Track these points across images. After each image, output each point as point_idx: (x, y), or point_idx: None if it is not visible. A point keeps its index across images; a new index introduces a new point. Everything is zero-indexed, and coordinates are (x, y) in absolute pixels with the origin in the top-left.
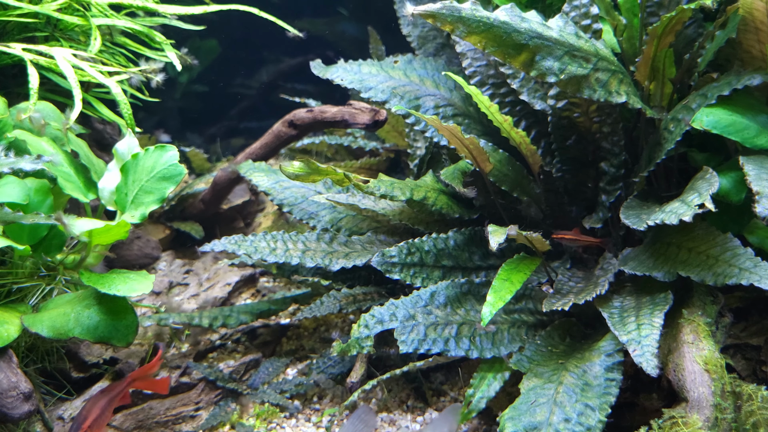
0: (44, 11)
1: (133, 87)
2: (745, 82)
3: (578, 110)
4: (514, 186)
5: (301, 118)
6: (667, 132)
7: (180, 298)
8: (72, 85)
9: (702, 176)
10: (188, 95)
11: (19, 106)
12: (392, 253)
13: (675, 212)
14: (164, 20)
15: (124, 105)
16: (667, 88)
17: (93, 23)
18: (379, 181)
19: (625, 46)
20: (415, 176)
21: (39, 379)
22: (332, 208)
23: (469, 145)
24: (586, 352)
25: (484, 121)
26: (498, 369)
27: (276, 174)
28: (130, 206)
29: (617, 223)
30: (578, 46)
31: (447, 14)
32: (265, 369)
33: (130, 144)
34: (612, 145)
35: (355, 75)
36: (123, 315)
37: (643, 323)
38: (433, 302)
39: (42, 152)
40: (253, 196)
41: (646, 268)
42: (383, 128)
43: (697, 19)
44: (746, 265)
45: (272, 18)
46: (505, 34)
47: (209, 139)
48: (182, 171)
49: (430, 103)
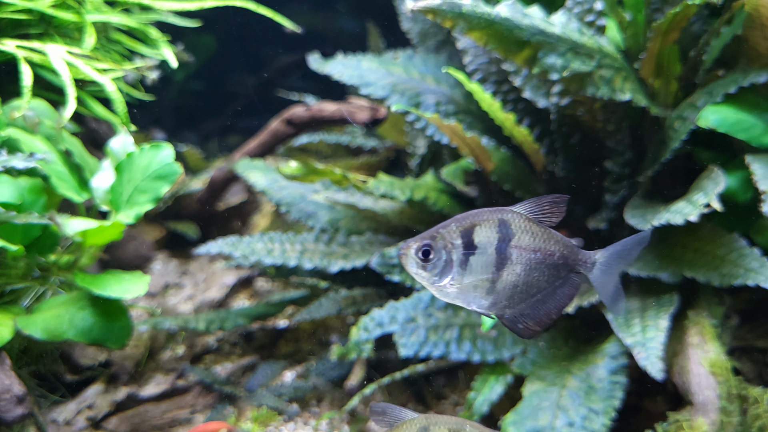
0: (38, 8)
1: (129, 84)
2: (751, 80)
3: (582, 108)
4: (517, 185)
5: (299, 116)
6: (673, 130)
7: (176, 300)
8: (65, 83)
9: (708, 175)
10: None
11: (13, 104)
12: (392, 254)
13: (680, 212)
14: (159, 17)
15: (118, 102)
16: (672, 85)
17: (87, 20)
18: (378, 181)
19: (629, 42)
20: (416, 175)
21: (33, 381)
22: (331, 207)
23: (471, 144)
24: (590, 355)
25: (486, 118)
26: (500, 372)
27: (273, 172)
28: (124, 206)
29: (622, 223)
30: (582, 42)
31: (447, 10)
32: (262, 372)
33: (125, 142)
34: (616, 143)
35: (355, 70)
36: (117, 317)
37: (648, 325)
38: (434, 304)
39: (35, 151)
40: (250, 196)
41: (651, 269)
42: (383, 126)
43: (702, 16)
44: (752, 266)
45: (269, 13)
46: (507, 31)
47: (206, 137)
48: (178, 170)
49: (431, 100)
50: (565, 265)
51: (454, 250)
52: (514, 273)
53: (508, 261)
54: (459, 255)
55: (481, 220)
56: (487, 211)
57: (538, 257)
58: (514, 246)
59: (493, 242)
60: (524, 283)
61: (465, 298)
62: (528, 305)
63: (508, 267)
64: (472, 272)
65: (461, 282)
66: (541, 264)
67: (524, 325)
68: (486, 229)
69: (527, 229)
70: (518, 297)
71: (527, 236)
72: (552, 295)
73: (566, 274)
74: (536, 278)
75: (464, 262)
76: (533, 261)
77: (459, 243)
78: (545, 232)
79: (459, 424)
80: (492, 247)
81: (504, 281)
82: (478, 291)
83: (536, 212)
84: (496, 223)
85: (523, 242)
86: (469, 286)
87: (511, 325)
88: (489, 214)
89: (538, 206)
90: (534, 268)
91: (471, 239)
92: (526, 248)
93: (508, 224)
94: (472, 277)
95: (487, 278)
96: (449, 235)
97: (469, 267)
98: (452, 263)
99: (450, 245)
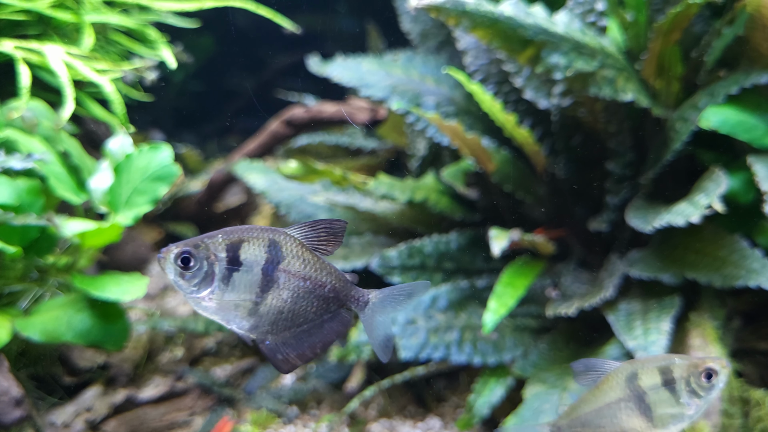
0: (36, 8)
1: (128, 84)
2: (753, 81)
3: (584, 109)
4: (518, 187)
5: (299, 117)
6: (674, 131)
7: (174, 302)
8: (64, 84)
9: (710, 176)
10: (183, 93)
11: (11, 105)
12: (392, 255)
13: (682, 213)
14: (158, 17)
15: (116, 103)
16: (674, 86)
17: (85, 20)
18: (378, 182)
19: (631, 43)
20: (416, 176)
21: (31, 383)
22: (330, 209)
23: (472, 145)
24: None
25: (486, 119)
26: (501, 374)
27: (272, 174)
28: (123, 207)
29: (623, 224)
30: (584, 42)
31: (451, 8)
32: (261, 374)
33: (123, 143)
34: (618, 144)
35: (354, 72)
36: (116, 319)
37: (650, 328)
38: (435, 306)
39: (33, 151)
40: (248, 197)
41: (652, 271)
42: (383, 127)
43: (704, 16)
44: (754, 267)
45: (268, 14)
46: (511, 29)
47: (204, 137)
48: (177, 171)
49: (431, 101)
50: (336, 299)
51: (217, 263)
52: (280, 298)
53: (274, 284)
54: (222, 269)
55: (250, 237)
56: (258, 229)
57: (308, 286)
58: (282, 270)
59: (261, 262)
60: (290, 310)
61: (224, 316)
62: (292, 335)
63: (274, 291)
64: (235, 290)
65: (221, 298)
66: (310, 294)
67: (284, 356)
68: (254, 246)
69: (299, 254)
70: (282, 324)
71: (298, 262)
72: (319, 329)
73: (336, 308)
74: (303, 308)
75: (227, 277)
76: (301, 289)
77: (223, 256)
78: (318, 262)
79: (666, 360)
80: (258, 266)
81: (268, 305)
82: (240, 311)
83: (312, 237)
84: (266, 243)
85: (293, 267)
86: (230, 303)
87: (270, 354)
88: (260, 232)
89: (314, 231)
90: (302, 296)
91: (237, 255)
92: (295, 274)
93: (278, 246)
94: (233, 295)
95: (250, 299)
96: (214, 246)
97: (231, 283)
98: (213, 276)
99: (213, 257)
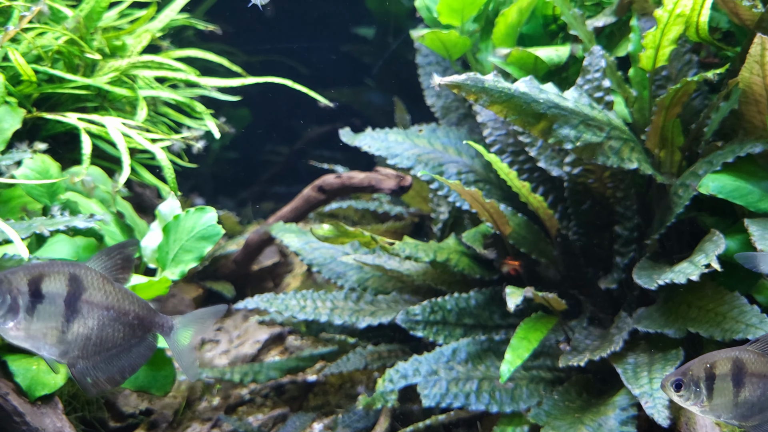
0: (96, 84)
1: (174, 153)
2: (747, 150)
3: (593, 176)
4: (533, 248)
5: (330, 184)
6: (677, 197)
7: (212, 354)
8: (121, 152)
9: (709, 238)
10: (221, 161)
11: (72, 170)
12: (416, 311)
13: (683, 272)
14: (204, 91)
15: (167, 170)
16: (676, 155)
17: (140, 95)
18: (404, 244)
19: (635, 116)
20: (439, 239)
21: (80, 427)
22: (359, 268)
23: (490, 209)
24: (602, 407)
25: (503, 186)
26: (517, 423)
27: (306, 235)
28: (170, 264)
29: (631, 283)
30: (592, 116)
31: (471, 85)
32: (292, 423)
33: (172, 206)
34: (625, 209)
35: (382, 143)
36: (162, 366)
37: (655, 377)
38: (455, 358)
39: (91, 212)
40: (282, 258)
41: (658, 326)
42: (408, 194)
43: (703, 91)
44: (752, 321)
45: (305, 89)
46: (525, 104)
47: (240, 202)
48: (220, 231)
49: (452, 169)
50: (141, 325)
51: (20, 296)
52: (86, 326)
53: (78, 314)
54: (26, 301)
55: (50, 272)
56: (59, 264)
57: (111, 315)
58: (85, 300)
59: (62, 294)
60: (97, 337)
61: (34, 344)
62: (102, 359)
63: (79, 320)
64: (40, 320)
65: (29, 328)
66: (115, 321)
67: (94, 379)
68: (55, 281)
69: (100, 286)
70: (91, 350)
71: (99, 293)
72: (127, 353)
73: (143, 334)
74: (110, 334)
75: (31, 309)
76: (106, 317)
77: (26, 290)
78: (120, 291)
79: None
80: (61, 298)
81: (75, 333)
82: (48, 339)
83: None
84: (67, 277)
85: (95, 298)
86: (38, 332)
87: (80, 377)
88: (60, 267)
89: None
90: (107, 324)
91: (38, 288)
92: (98, 304)
93: (79, 279)
94: (39, 325)
95: (56, 327)
96: (16, 281)
97: (36, 314)
98: (18, 308)
99: (16, 290)
